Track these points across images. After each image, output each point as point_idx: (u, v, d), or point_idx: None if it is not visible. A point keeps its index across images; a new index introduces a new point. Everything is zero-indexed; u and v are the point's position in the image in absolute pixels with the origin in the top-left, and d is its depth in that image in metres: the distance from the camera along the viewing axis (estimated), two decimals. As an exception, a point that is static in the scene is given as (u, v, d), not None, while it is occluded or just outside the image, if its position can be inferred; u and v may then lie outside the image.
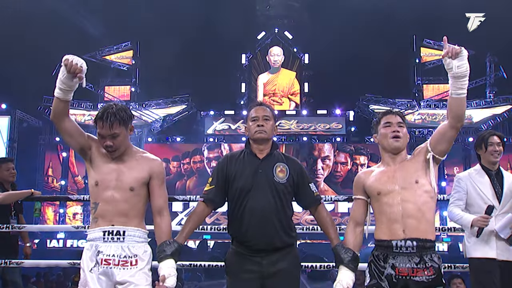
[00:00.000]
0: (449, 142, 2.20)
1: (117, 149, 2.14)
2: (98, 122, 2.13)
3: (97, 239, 2.11)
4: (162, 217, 2.19)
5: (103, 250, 2.09)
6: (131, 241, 2.11)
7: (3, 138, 16.85)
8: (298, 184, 2.32)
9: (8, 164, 3.97)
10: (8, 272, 3.83)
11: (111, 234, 2.10)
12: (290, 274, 2.26)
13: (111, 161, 2.17)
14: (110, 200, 2.12)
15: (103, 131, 2.11)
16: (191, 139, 18.97)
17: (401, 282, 2.10)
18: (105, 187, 2.12)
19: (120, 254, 2.09)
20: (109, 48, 19.14)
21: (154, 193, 2.20)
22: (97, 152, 2.18)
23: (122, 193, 2.12)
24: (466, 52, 2.07)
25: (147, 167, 2.19)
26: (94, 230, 2.13)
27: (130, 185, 2.13)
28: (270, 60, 19.76)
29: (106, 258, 2.07)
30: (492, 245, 2.69)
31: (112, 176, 2.14)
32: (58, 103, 2.11)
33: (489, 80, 18.05)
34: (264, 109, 2.36)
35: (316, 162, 18.77)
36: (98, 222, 2.13)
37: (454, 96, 2.12)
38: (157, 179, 2.20)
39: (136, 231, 2.14)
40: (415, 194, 2.15)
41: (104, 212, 2.12)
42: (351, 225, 2.30)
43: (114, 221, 2.11)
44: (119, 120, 2.11)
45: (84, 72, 2.06)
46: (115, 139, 2.11)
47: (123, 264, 2.07)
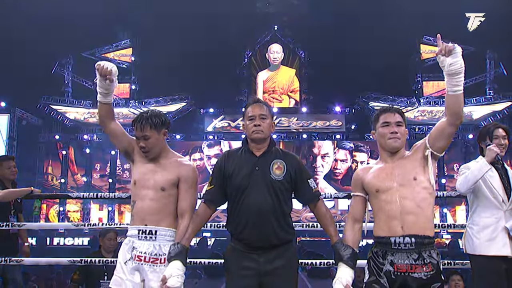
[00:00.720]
0: (448, 139, 2.20)
1: (149, 150, 2.32)
2: (134, 125, 2.36)
3: (133, 236, 2.31)
4: (182, 219, 2.32)
5: (137, 247, 2.28)
6: (162, 240, 2.28)
7: (3, 136, 16.84)
8: (296, 180, 2.31)
9: (9, 162, 3.99)
10: (9, 270, 3.84)
11: (144, 233, 2.28)
12: (287, 271, 2.26)
13: (148, 162, 2.35)
14: (144, 198, 2.30)
15: (137, 133, 2.33)
16: (190, 137, 18.95)
17: (399, 278, 2.11)
18: (141, 186, 2.31)
19: (152, 251, 2.26)
20: (108, 45, 19.11)
21: (180, 195, 2.35)
22: (138, 154, 2.38)
23: (155, 193, 2.29)
24: (460, 49, 2.09)
25: (177, 170, 2.35)
26: (132, 227, 2.33)
27: (162, 185, 2.29)
28: (270, 58, 19.72)
29: (138, 255, 2.27)
30: (505, 242, 2.56)
31: (148, 176, 2.32)
32: (101, 106, 2.35)
33: (489, 77, 18.01)
34: (261, 107, 2.35)
35: (315, 159, 18.77)
36: (134, 220, 2.32)
37: (451, 93, 2.13)
38: (185, 182, 2.34)
39: (167, 231, 2.30)
40: (413, 191, 2.15)
41: (139, 210, 2.30)
42: (350, 222, 2.31)
43: (147, 220, 2.29)
44: (150, 124, 2.31)
45: (114, 74, 2.29)
46: (147, 141, 2.31)
47: (153, 261, 2.26)
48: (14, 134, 17.00)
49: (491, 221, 2.61)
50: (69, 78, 18.37)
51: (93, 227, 4.39)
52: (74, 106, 18.45)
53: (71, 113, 18.47)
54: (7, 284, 3.87)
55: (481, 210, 2.66)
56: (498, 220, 2.59)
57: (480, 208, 2.67)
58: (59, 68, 18.02)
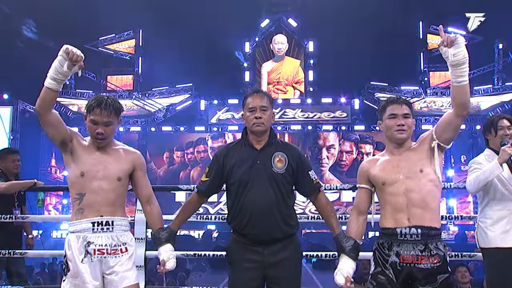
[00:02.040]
0: (455, 131, 2.18)
1: (106, 137, 2.22)
2: (94, 110, 2.21)
3: (85, 230, 2.16)
4: (152, 204, 2.32)
5: (93, 241, 2.15)
6: (119, 230, 2.21)
7: (6, 129, 16.91)
8: (297, 172, 2.28)
9: (14, 156, 4.01)
10: (13, 263, 3.86)
11: (101, 225, 2.17)
12: (291, 263, 2.24)
13: (96, 152, 2.24)
14: (98, 190, 2.18)
15: (98, 118, 2.19)
16: (194, 129, 18.96)
17: (405, 269, 2.09)
18: (92, 178, 2.18)
19: (111, 243, 2.17)
20: (111, 37, 19.06)
21: (140, 183, 2.31)
22: (78, 144, 2.24)
23: (110, 183, 2.20)
24: (463, 39, 2.07)
25: (131, 159, 2.29)
26: (81, 221, 2.17)
27: (118, 175, 2.22)
28: (274, 48, 19.60)
29: (99, 248, 2.15)
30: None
31: (99, 167, 2.20)
32: (49, 93, 2.16)
33: (497, 66, 17.81)
34: (262, 98, 2.28)
35: (321, 151, 18.72)
36: (84, 213, 2.17)
37: (455, 84, 2.10)
38: (141, 170, 2.31)
39: (123, 220, 2.23)
40: (419, 183, 2.13)
41: (92, 203, 2.17)
42: (354, 213, 2.29)
43: (102, 211, 2.18)
44: (115, 110, 2.22)
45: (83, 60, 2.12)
46: (107, 127, 2.20)
47: (114, 253, 2.17)
48: (17, 127, 17.08)
49: (505, 213, 2.57)
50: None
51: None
52: (77, 98, 18.49)
53: (74, 105, 18.53)
54: (12, 276, 3.88)
55: (493, 203, 2.61)
56: (511, 211, 2.56)
57: (492, 201, 2.62)
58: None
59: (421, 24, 18.70)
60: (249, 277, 2.20)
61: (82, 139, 2.28)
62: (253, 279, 2.19)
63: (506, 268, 2.51)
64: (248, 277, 2.20)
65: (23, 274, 3.98)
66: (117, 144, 2.33)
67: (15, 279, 3.83)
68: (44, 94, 2.16)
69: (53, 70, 2.10)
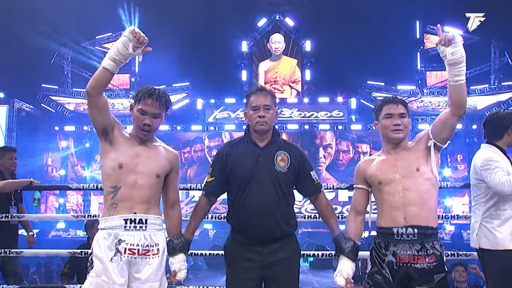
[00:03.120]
0: (451, 130, 2.18)
1: (152, 130, 2.12)
2: (145, 99, 2.09)
3: (117, 227, 2.03)
4: (175, 210, 2.23)
5: (125, 239, 2.02)
6: (152, 229, 2.08)
7: (2, 127, 16.81)
8: (299, 172, 2.27)
9: (11, 154, 4.03)
10: (9, 262, 3.84)
11: (134, 222, 2.03)
12: (290, 262, 2.24)
13: (136, 145, 2.12)
14: (133, 184, 2.06)
15: (148, 108, 2.08)
16: (191, 128, 18.92)
17: (402, 269, 2.10)
18: (130, 171, 2.06)
19: (143, 243, 2.04)
20: (108, 36, 18.98)
21: (170, 185, 2.22)
22: (119, 134, 2.12)
23: (148, 179, 2.08)
24: (460, 39, 2.07)
25: (170, 157, 2.20)
26: (113, 217, 2.05)
27: (157, 172, 2.11)
28: (271, 48, 19.58)
29: (130, 247, 2.01)
30: None
31: (138, 160, 2.09)
32: (105, 74, 2.03)
33: (494, 66, 17.86)
34: (265, 97, 2.28)
35: (318, 150, 18.73)
36: (117, 208, 2.05)
37: (452, 83, 2.11)
38: (176, 172, 2.23)
39: (157, 219, 2.11)
40: (416, 182, 2.13)
41: (126, 197, 2.05)
42: (352, 214, 2.29)
43: (136, 208, 2.05)
44: (165, 104, 2.13)
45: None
46: (155, 119, 2.11)
47: (145, 253, 2.03)
48: (14, 125, 16.98)
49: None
50: (69, 68, 18.29)
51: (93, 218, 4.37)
52: (74, 97, 18.39)
53: (71, 104, 18.43)
54: (7, 276, 3.86)
55: (499, 203, 2.48)
56: None
57: (498, 201, 2.49)
58: (58, 59, 17.93)
59: (418, 23, 18.72)
60: (247, 276, 2.19)
61: (124, 130, 2.16)
62: (251, 279, 2.18)
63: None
64: (247, 277, 2.19)
65: (19, 273, 3.97)
66: (158, 141, 2.22)
67: (10, 279, 3.82)
68: (100, 75, 2.02)
69: (114, 50, 1.99)
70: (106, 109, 2.09)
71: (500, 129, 2.60)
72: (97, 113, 2.07)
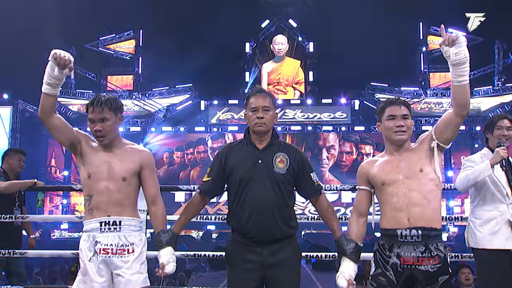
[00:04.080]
0: (454, 130, 2.17)
1: (106, 135, 2.21)
2: (89, 108, 2.23)
3: (94, 230, 2.19)
4: (156, 205, 2.29)
5: (100, 240, 2.17)
6: (127, 230, 2.20)
7: (6, 128, 16.89)
8: (298, 173, 2.27)
9: (20, 156, 4.07)
10: (13, 262, 3.85)
11: (108, 225, 2.18)
12: (290, 264, 2.23)
13: (102, 153, 2.24)
14: (104, 191, 2.19)
15: (93, 115, 2.21)
16: (194, 129, 18.94)
17: (406, 271, 2.08)
18: (98, 179, 2.20)
19: (117, 243, 2.18)
20: (111, 37, 19.05)
21: (146, 182, 2.29)
22: (86, 146, 2.25)
23: (115, 184, 2.20)
24: (464, 39, 2.07)
25: (137, 158, 2.27)
26: (91, 221, 2.21)
27: (122, 175, 2.21)
28: (274, 49, 19.59)
29: (104, 248, 2.17)
30: (509, 235, 2.52)
31: (104, 168, 2.21)
32: (47, 98, 2.17)
33: (497, 67, 17.80)
34: (264, 98, 2.27)
35: (321, 151, 18.71)
36: (93, 213, 2.20)
37: (456, 83, 2.10)
38: (148, 169, 2.28)
39: (131, 220, 2.23)
40: (419, 182, 2.12)
41: (99, 203, 2.20)
42: (355, 215, 2.28)
43: (110, 212, 2.19)
44: (109, 106, 2.20)
45: (72, 62, 2.14)
46: (104, 124, 2.20)
47: (120, 253, 2.17)
48: (17, 126, 17.07)
49: (494, 214, 2.57)
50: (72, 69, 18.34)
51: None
52: (77, 98, 18.47)
53: (74, 105, 18.51)
54: (12, 276, 3.87)
55: (484, 203, 2.61)
56: (502, 213, 2.55)
57: (482, 202, 2.63)
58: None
59: (421, 25, 18.69)
60: (248, 277, 2.19)
61: (92, 140, 2.27)
62: (252, 280, 2.19)
63: (492, 269, 2.52)
64: (247, 278, 2.19)
65: (23, 274, 3.98)
66: (125, 143, 2.31)
67: (14, 279, 3.83)
68: (43, 100, 2.18)
69: (46, 75, 2.14)
70: (63, 127, 2.22)
71: (485, 132, 2.76)
72: (57, 133, 2.22)
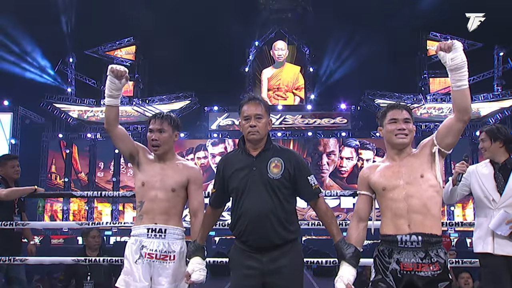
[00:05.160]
0: (456, 136, 2.18)
1: (160, 145, 2.44)
2: (151, 120, 2.49)
3: (142, 235, 2.40)
4: (196, 218, 2.46)
5: (146, 245, 2.38)
6: (171, 238, 2.41)
7: (6, 135, 16.91)
8: (295, 177, 2.26)
9: (13, 161, 3.98)
10: (13, 269, 3.83)
11: (154, 231, 2.39)
12: (291, 271, 2.22)
13: (157, 164, 2.47)
14: (154, 199, 2.41)
15: (153, 126, 2.46)
16: (195, 135, 18.97)
17: (406, 277, 2.08)
18: (150, 187, 2.42)
19: (161, 249, 2.38)
20: (111, 43, 19.12)
21: (190, 195, 2.49)
22: (143, 157, 2.49)
23: (165, 193, 2.41)
24: (460, 44, 2.10)
25: (186, 172, 2.49)
26: (139, 226, 2.42)
27: (172, 186, 2.42)
28: (274, 55, 19.66)
29: (149, 252, 2.37)
30: (488, 240, 2.67)
31: (157, 178, 2.43)
32: (111, 110, 2.43)
33: (497, 73, 17.85)
34: (256, 106, 2.27)
35: (321, 157, 18.71)
36: (143, 219, 2.42)
37: (455, 89, 2.12)
38: (194, 184, 2.48)
39: (176, 229, 2.43)
40: (420, 188, 2.12)
41: (148, 210, 2.41)
42: (355, 220, 2.28)
43: (157, 219, 2.40)
44: (168, 121, 2.47)
45: (127, 72, 2.41)
46: (161, 134, 2.44)
47: (163, 258, 2.37)
48: (18, 133, 17.11)
49: (482, 220, 2.73)
50: (72, 76, 18.42)
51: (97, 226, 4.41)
52: (78, 105, 18.50)
53: (74, 111, 18.54)
54: (12, 283, 3.86)
55: (477, 209, 2.78)
56: (488, 218, 2.68)
57: (476, 208, 2.79)
58: (62, 66, 18.09)
59: (421, 30, 18.77)
60: (248, 284, 2.18)
61: (149, 153, 2.51)
62: (252, 286, 2.18)
63: (485, 272, 2.72)
64: (247, 284, 2.19)
65: (23, 280, 3.96)
66: (178, 159, 2.55)
67: (15, 286, 3.82)
68: (107, 112, 2.44)
69: (107, 88, 2.40)
70: (126, 138, 2.49)
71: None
72: (120, 143, 2.48)
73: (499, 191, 2.66)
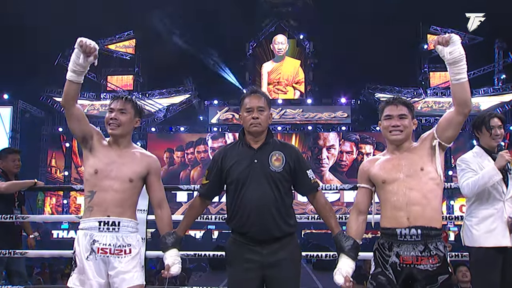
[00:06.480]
0: (456, 129, 2.18)
1: (119, 125, 2.26)
2: (113, 100, 2.32)
3: (92, 228, 2.21)
4: (163, 209, 2.35)
5: (98, 240, 2.19)
6: (125, 231, 2.23)
7: (6, 128, 16.91)
8: (295, 171, 2.28)
9: (14, 155, 3.99)
10: (13, 262, 3.85)
11: (107, 225, 2.20)
12: (290, 263, 2.24)
13: (112, 152, 2.28)
14: (108, 189, 2.21)
15: (114, 105, 2.29)
16: (195, 129, 18.96)
17: (405, 270, 2.09)
18: (105, 176, 2.22)
19: (115, 243, 2.20)
20: (111, 37, 19.05)
21: (153, 187, 2.34)
22: (98, 142, 2.28)
23: (121, 184, 2.23)
24: (458, 37, 2.11)
25: (145, 162, 2.33)
26: (89, 219, 2.22)
27: (130, 177, 2.25)
28: (274, 49, 19.60)
29: (102, 247, 2.18)
30: (505, 233, 2.53)
31: (112, 167, 2.24)
32: (71, 86, 2.22)
33: (498, 67, 17.81)
34: (259, 98, 2.29)
35: (321, 151, 18.72)
36: (93, 211, 2.21)
37: (454, 82, 2.12)
38: (155, 174, 2.35)
39: (130, 221, 2.25)
40: (420, 181, 2.12)
41: (101, 201, 2.21)
42: (354, 213, 2.29)
43: (110, 212, 2.21)
44: (132, 104, 2.32)
45: (97, 50, 2.20)
46: (121, 115, 2.27)
47: (118, 253, 2.19)
48: (17, 127, 17.11)
49: (491, 212, 2.58)
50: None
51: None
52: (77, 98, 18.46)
53: (75, 105, 18.49)
54: (12, 276, 3.88)
55: (481, 202, 2.62)
56: (498, 210, 2.57)
57: (479, 201, 2.63)
58: (62, 60, 18.02)
59: (421, 24, 18.69)
60: (248, 277, 2.19)
61: (103, 139, 2.32)
62: (252, 279, 2.19)
63: (488, 268, 2.53)
64: (247, 277, 2.19)
65: (24, 274, 3.98)
66: (135, 148, 2.38)
67: (15, 279, 3.83)
68: (67, 87, 2.22)
69: (71, 62, 2.18)
70: (82, 119, 2.27)
71: (475, 131, 2.78)
72: (75, 123, 2.26)
73: (505, 182, 2.59)
